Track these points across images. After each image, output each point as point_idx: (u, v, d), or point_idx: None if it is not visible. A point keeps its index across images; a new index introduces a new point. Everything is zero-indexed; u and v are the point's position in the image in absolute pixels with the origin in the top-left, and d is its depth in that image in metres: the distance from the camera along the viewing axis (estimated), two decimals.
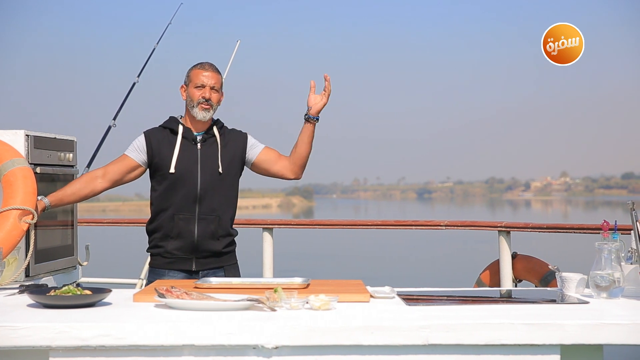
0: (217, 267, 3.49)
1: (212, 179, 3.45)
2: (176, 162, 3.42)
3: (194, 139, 3.48)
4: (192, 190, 3.42)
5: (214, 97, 3.47)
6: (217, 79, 3.50)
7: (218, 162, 3.47)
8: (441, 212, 79.13)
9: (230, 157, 3.52)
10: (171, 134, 3.49)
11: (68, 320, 2.27)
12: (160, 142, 3.47)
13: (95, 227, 6.73)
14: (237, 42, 5.73)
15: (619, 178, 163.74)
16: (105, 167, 3.48)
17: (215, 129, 3.53)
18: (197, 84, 3.46)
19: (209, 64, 3.52)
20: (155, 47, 5.60)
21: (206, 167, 3.45)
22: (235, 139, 3.56)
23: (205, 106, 3.45)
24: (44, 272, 3.62)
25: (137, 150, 3.47)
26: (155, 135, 3.49)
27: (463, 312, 2.45)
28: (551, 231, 5.23)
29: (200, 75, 3.47)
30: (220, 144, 3.51)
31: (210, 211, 3.45)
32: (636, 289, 2.71)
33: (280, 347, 2.24)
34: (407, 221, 5.78)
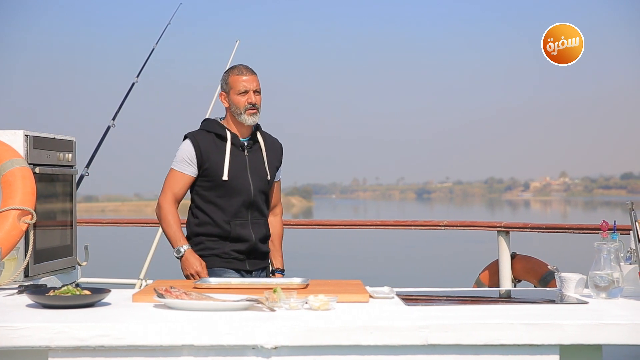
0: (263, 267, 3.59)
1: (261, 185, 3.52)
2: (228, 170, 3.43)
3: (241, 145, 3.50)
4: (246, 197, 3.47)
5: (259, 100, 3.47)
6: (257, 80, 3.48)
7: (266, 169, 3.54)
8: (440, 212, 79.14)
9: (273, 163, 3.59)
10: (217, 138, 3.48)
11: (67, 320, 2.27)
12: (209, 148, 3.46)
13: (95, 227, 6.74)
14: (237, 42, 5.75)
15: (618, 178, 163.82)
16: (169, 192, 3.47)
17: (259, 135, 3.56)
18: (240, 91, 3.44)
19: (245, 68, 3.49)
20: (154, 47, 5.61)
21: (255, 174, 3.50)
22: (274, 147, 3.62)
23: (253, 111, 3.45)
24: (43, 272, 3.62)
25: (189, 164, 3.45)
26: (203, 140, 3.47)
27: (462, 312, 2.45)
28: (550, 231, 5.24)
29: (240, 81, 3.45)
30: (265, 150, 3.55)
31: (261, 216, 3.55)
32: (635, 289, 2.71)
33: (279, 348, 2.24)
34: (406, 221, 5.79)
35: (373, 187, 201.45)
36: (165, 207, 3.47)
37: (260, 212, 3.55)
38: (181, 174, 3.47)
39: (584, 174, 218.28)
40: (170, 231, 3.45)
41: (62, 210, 3.83)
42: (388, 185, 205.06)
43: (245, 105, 3.43)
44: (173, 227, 3.45)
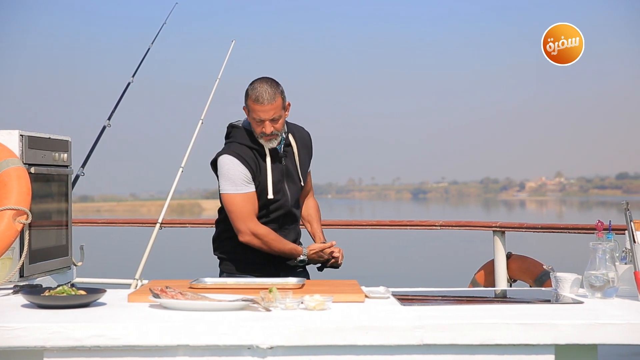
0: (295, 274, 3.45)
1: (296, 193, 3.49)
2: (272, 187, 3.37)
3: (279, 156, 3.42)
4: (284, 210, 3.43)
5: (277, 127, 3.31)
6: (275, 107, 3.28)
7: (299, 175, 3.49)
8: (436, 212, 79.20)
9: (305, 164, 3.55)
10: (259, 153, 3.37)
11: (62, 320, 2.27)
12: (255, 164, 3.35)
13: (90, 227, 6.73)
14: (232, 42, 5.74)
15: (614, 178, 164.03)
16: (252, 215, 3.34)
17: (291, 138, 3.47)
18: (256, 119, 3.30)
19: (262, 91, 3.28)
20: (150, 47, 5.60)
21: (292, 183, 3.46)
22: (304, 141, 3.54)
23: (268, 138, 3.32)
24: (38, 273, 3.61)
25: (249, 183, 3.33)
26: (250, 159, 3.35)
27: (458, 312, 2.46)
28: (546, 231, 5.25)
29: (256, 110, 3.28)
30: (297, 154, 3.48)
31: (292, 222, 3.51)
32: (630, 288, 2.71)
33: (275, 347, 2.24)
34: (402, 221, 5.79)
35: (369, 187, 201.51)
36: (263, 231, 3.34)
37: (293, 219, 3.49)
38: (249, 194, 3.34)
39: (579, 174, 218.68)
40: (286, 247, 3.37)
41: (58, 210, 3.83)
42: (384, 185, 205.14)
43: (260, 133, 3.31)
44: (284, 241, 3.37)
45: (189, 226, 6.42)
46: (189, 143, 5.42)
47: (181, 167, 5.34)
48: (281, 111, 3.31)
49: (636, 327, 2.29)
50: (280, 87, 3.34)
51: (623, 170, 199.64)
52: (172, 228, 6.07)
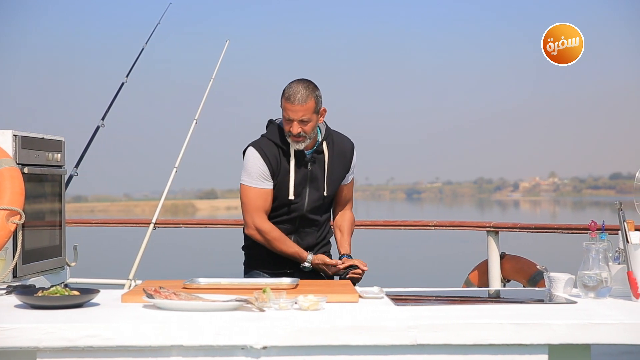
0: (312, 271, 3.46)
1: (318, 202, 3.46)
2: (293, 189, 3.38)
3: (304, 160, 3.42)
4: (297, 212, 3.44)
5: (305, 129, 3.31)
6: (306, 109, 3.29)
7: (324, 184, 3.45)
8: (430, 212, 79.27)
9: (338, 175, 3.50)
10: (283, 153, 3.39)
11: (56, 321, 2.27)
12: (278, 163, 3.38)
13: (84, 227, 6.72)
14: (226, 42, 5.74)
15: (607, 178, 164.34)
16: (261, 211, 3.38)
17: (325, 146, 3.44)
18: (286, 118, 3.33)
19: (296, 92, 3.31)
20: (144, 47, 5.60)
21: (314, 190, 3.44)
22: (343, 153, 3.50)
23: (296, 139, 3.34)
24: (31, 273, 3.61)
25: (265, 179, 3.37)
26: (271, 153, 3.38)
27: (451, 312, 2.46)
28: (539, 231, 5.25)
29: (286, 108, 3.32)
30: (328, 162, 3.45)
31: (310, 226, 3.49)
32: (623, 288, 2.72)
33: (268, 348, 2.24)
34: (396, 221, 5.79)
35: (363, 187, 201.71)
36: (266, 227, 3.38)
37: (311, 224, 3.49)
38: (263, 190, 3.38)
39: (573, 174, 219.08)
40: (288, 249, 3.39)
41: (51, 211, 3.82)
42: (378, 186, 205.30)
43: (288, 132, 3.34)
44: (288, 242, 3.40)
45: (182, 226, 6.41)
46: (183, 143, 5.42)
47: (175, 167, 5.34)
48: (312, 115, 3.31)
49: (629, 326, 2.30)
50: (317, 91, 3.35)
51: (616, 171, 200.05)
52: (166, 228, 6.06)
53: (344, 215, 3.65)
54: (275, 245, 3.39)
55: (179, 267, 15.85)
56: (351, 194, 3.66)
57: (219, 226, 6.30)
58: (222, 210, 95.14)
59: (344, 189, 3.60)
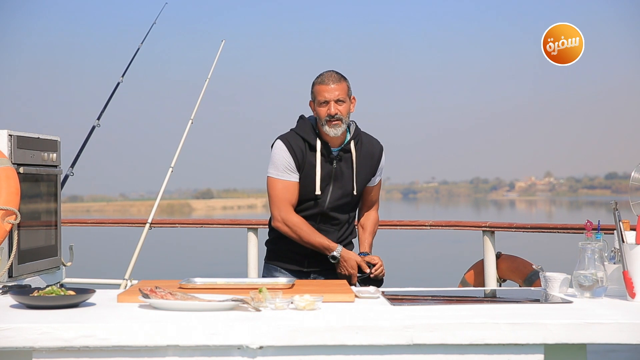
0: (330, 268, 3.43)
1: (342, 199, 3.43)
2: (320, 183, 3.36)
3: (330, 157, 3.39)
4: (320, 208, 3.41)
5: (341, 110, 3.32)
6: (341, 88, 3.33)
7: (353, 183, 3.43)
8: (426, 212, 79.30)
9: (364, 175, 3.47)
10: (309, 148, 3.38)
11: (51, 321, 2.26)
12: (304, 156, 3.37)
13: (79, 227, 6.70)
14: (222, 42, 5.74)
15: (603, 178, 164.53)
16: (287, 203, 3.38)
17: (352, 145, 3.42)
18: (321, 101, 3.32)
19: (328, 75, 3.36)
20: (139, 47, 5.60)
21: (338, 188, 3.41)
22: (371, 155, 3.48)
23: (334, 122, 3.32)
24: (27, 273, 3.60)
25: (292, 172, 3.37)
26: (298, 149, 3.38)
27: (447, 311, 2.46)
28: (535, 231, 5.26)
29: (321, 91, 3.33)
30: (356, 162, 3.43)
31: (332, 224, 3.46)
32: (619, 288, 2.72)
33: (264, 348, 2.24)
34: (392, 221, 5.79)
35: None
36: (294, 219, 3.36)
37: (333, 221, 3.45)
38: (290, 182, 3.37)
39: (568, 174, 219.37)
40: (316, 239, 3.35)
41: (47, 211, 3.82)
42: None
43: (326, 116, 3.32)
44: (315, 234, 3.37)
45: (178, 226, 6.41)
46: (179, 143, 5.42)
47: (171, 167, 5.34)
48: (346, 97, 3.35)
49: (625, 326, 2.30)
50: (347, 78, 3.40)
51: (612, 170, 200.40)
52: (162, 228, 6.06)
53: (368, 215, 3.62)
54: (304, 236, 3.35)
55: (175, 267, 15.85)
56: (377, 195, 3.63)
57: (215, 226, 6.30)
58: (218, 210, 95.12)
59: (371, 191, 3.57)
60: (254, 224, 5.72)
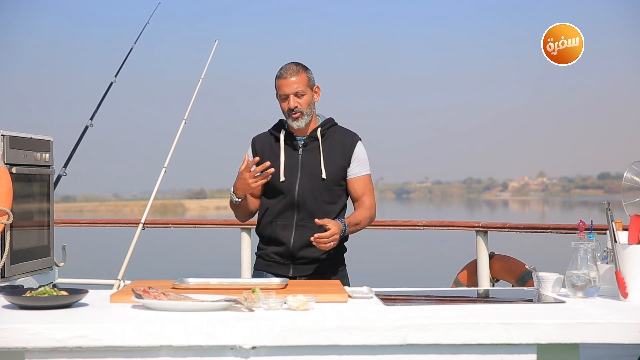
0: (318, 273, 3.39)
1: (312, 186, 3.37)
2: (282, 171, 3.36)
3: (295, 145, 3.42)
4: (290, 197, 3.37)
5: (301, 103, 3.33)
6: (300, 80, 3.34)
7: (321, 167, 3.38)
8: (419, 212, 79.38)
9: (335, 161, 3.40)
10: (276, 140, 3.45)
11: (44, 321, 2.26)
12: (265, 149, 3.44)
13: (72, 227, 6.70)
14: (215, 42, 5.73)
15: (596, 178, 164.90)
16: None
17: (318, 132, 3.42)
18: (282, 95, 3.35)
19: (286, 68, 3.36)
20: (132, 46, 5.58)
21: (306, 174, 3.37)
22: (342, 143, 3.44)
23: (295, 115, 3.34)
24: (19, 273, 3.59)
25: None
26: (261, 142, 3.47)
27: (441, 311, 2.46)
28: (528, 231, 5.27)
29: (281, 85, 3.35)
30: (323, 147, 3.40)
31: (310, 218, 3.35)
32: (611, 288, 2.73)
33: (257, 348, 2.24)
34: (385, 221, 5.80)
35: None
36: None
37: (310, 215, 3.34)
38: None
39: (561, 174, 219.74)
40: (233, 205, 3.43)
41: (39, 211, 3.81)
42: None
43: (287, 111, 3.35)
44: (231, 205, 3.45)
45: (172, 226, 6.41)
46: (172, 143, 5.41)
47: (164, 167, 5.33)
48: (306, 88, 3.36)
49: (617, 326, 2.31)
50: (308, 69, 3.41)
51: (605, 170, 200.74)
52: (155, 228, 6.05)
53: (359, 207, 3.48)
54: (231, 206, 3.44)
55: (168, 267, 15.83)
56: (366, 191, 3.48)
57: (208, 226, 6.30)
58: (212, 210, 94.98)
59: (354, 184, 3.45)
60: (247, 225, 5.72)
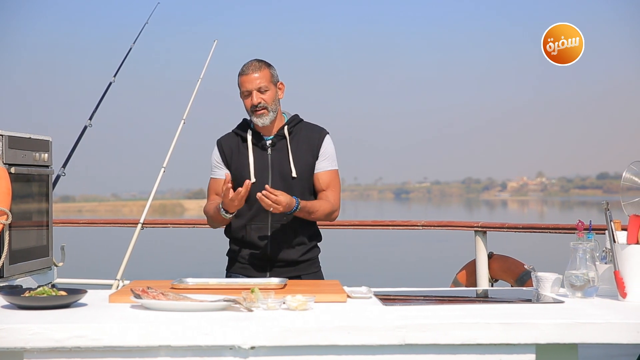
0: (295, 275, 3.33)
1: (284, 185, 3.29)
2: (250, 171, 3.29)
3: (263, 144, 3.34)
4: None
5: (265, 98, 3.26)
6: (262, 76, 3.27)
7: (290, 166, 3.31)
8: (418, 212, 79.37)
9: (304, 159, 3.34)
10: (242, 141, 3.37)
11: (43, 321, 2.26)
12: (233, 150, 3.36)
13: (71, 227, 6.69)
14: (214, 42, 5.73)
15: (594, 178, 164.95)
16: (213, 194, 3.40)
17: (286, 130, 3.35)
18: (244, 92, 3.29)
19: (248, 65, 3.30)
20: (131, 46, 5.59)
21: (277, 173, 3.31)
22: (310, 139, 3.37)
23: (259, 111, 3.27)
24: (18, 273, 3.59)
25: (221, 167, 3.37)
26: (228, 143, 3.39)
27: (439, 311, 2.46)
28: (527, 231, 5.27)
29: (243, 82, 3.28)
30: (291, 145, 3.33)
31: (284, 218, 3.30)
32: (610, 288, 2.73)
33: (256, 348, 2.24)
34: (384, 221, 5.80)
35: (351, 187, 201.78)
36: (204, 209, 3.43)
37: (284, 216, 3.27)
38: (217, 179, 3.39)
39: (560, 174, 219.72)
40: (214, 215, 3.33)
41: (38, 211, 3.81)
42: (366, 185, 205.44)
43: (250, 107, 3.29)
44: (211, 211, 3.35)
45: (170, 226, 6.40)
46: (171, 143, 5.42)
47: (163, 167, 5.34)
48: (269, 83, 3.29)
49: (616, 326, 2.31)
50: (271, 65, 3.35)
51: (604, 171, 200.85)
52: (154, 228, 6.05)
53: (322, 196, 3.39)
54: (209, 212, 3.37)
55: (167, 267, 15.83)
56: (331, 186, 3.39)
57: (207, 226, 6.29)
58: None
59: (320, 178, 3.37)
60: None
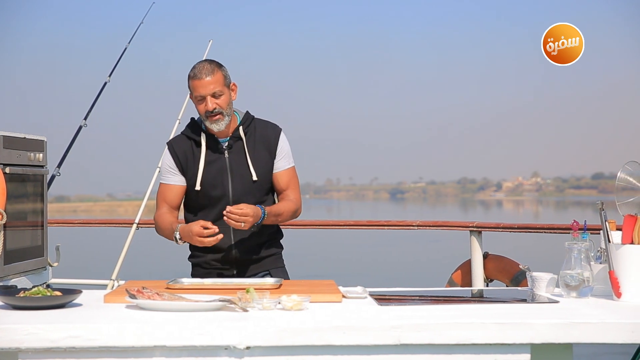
0: (263, 271, 3.33)
1: (244, 188, 3.24)
2: (202, 179, 3.22)
3: (219, 148, 3.26)
4: (224, 203, 3.19)
5: (220, 103, 3.17)
6: (216, 80, 3.16)
7: (249, 169, 3.25)
8: (413, 212, 79.41)
9: (262, 159, 3.28)
10: (196, 145, 3.27)
11: (38, 321, 2.25)
12: (187, 156, 3.26)
13: (66, 227, 6.68)
14: (209, 42, 5.73)
15: (589, 178, 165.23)
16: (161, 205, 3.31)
17: (241, 131, 3.27)
18: (198, 97, 3.17)
19: (200, 68, 3.18)
20: (127, 46, 5.59)
21: (237, 177, 3.25)
22: (265, 138, 3.29)
23: (215, 117, 3.18)
24: (13, 273, 3.59)
25: (173, 173, 3.28)
26: (180, 147, 3.28)
27: (435, 311, 2.46)
28: (522, 231, 5.28)
29: (196, 87, 3.16)
30: (248, 147, 3.26)
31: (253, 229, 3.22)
32: (605, 288, 2.73)
33: (252, 348, 2.24)
34: (379, 221, 5.80)
35: (347, 187, 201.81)
36: (155, 217, 3.32)
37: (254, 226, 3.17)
38: (168, 185, 3.30)
39: (555, 174, 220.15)
40: (165, 232, 3.26)
41: (33, 211, 3.80)
42: (362, 186, 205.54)
43: (204, 113, 3.18)
44: (163, 226, 3.26)
45: None
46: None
47: (158, 167, 5.33)
48: (223, 87, 3.19)
49: (611, 326, 2.31)
50: (222, 66, 3.25)
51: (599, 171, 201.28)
52: (149, 228, 6.03)
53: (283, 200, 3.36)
54: (159, 232, 3.31)
55: (162, 268, 15.80)
56: (291, 185, 3.36)
57: None
58: None
59: (279, 178, 3.33)
60: None
